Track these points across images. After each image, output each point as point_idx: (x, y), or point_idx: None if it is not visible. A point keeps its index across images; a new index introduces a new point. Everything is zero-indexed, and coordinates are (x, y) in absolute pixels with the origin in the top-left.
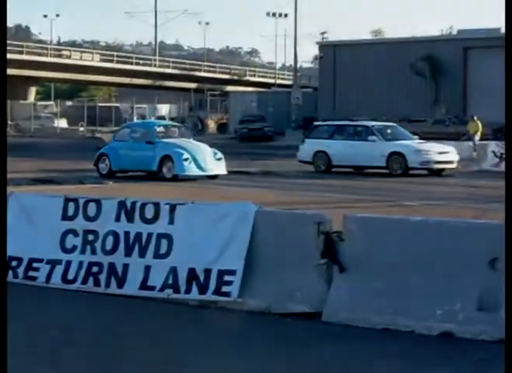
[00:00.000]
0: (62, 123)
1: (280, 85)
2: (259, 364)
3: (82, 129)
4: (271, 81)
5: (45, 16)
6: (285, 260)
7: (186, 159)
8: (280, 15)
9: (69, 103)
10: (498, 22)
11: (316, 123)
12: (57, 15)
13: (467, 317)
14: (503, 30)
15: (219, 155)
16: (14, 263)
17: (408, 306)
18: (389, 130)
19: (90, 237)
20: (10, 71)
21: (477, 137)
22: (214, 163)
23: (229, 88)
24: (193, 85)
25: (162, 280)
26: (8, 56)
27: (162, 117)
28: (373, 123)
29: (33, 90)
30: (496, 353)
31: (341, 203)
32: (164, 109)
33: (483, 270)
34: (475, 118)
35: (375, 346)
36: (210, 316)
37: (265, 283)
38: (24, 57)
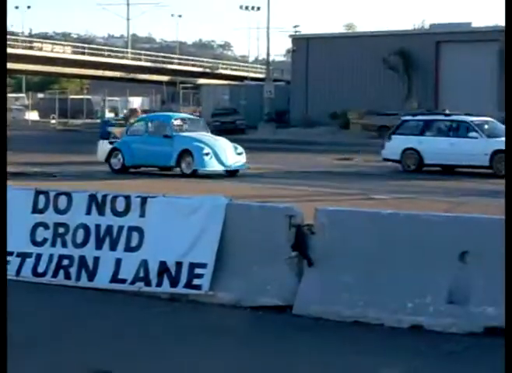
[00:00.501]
0: (33, 115)
1: (253, 79)
2: (229, 356)
3: (53, 121)
4: (244, 74)
5: (16, 8)
6: (256, 253)
7: (207, 154)
8: (253, 8)
9: (41, 96)
10: (469, 16)
11: (404, 117)
12: (29, 7)
13: (437, 310)
14: (474, 24)
15: (240, 149)
16: None
17: (379, 299)
18: (486, 126)
19: (61, 230)
20: None
21: None
22: (235, 158)
23: (202, 81)
24: (165, 78)
25: (133, 273)
26: None
27: (134, 110)
28: (472, 118)
29: None
30: (466, 346)
31: (313, 196)
32: (136, 101)
33: (454, 264)
34: (447, 112)
35: (346, 339)
36: (181, 309)
37: (236, 276)
38: None
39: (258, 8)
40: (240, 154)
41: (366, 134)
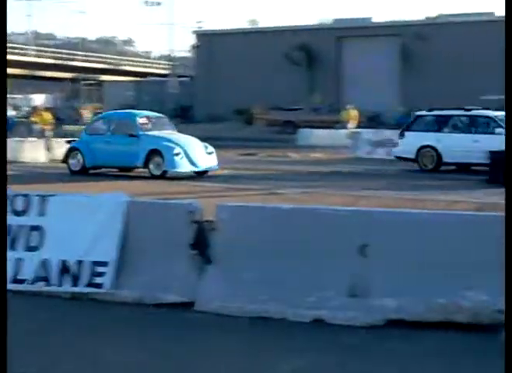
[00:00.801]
0: None
1: (157, 75)
2: (128, 355)
3: None
4: (148, 70)
5: None
6: (158, 250)
7: (177, 154)
8: (156, 3)
9: None
10: (370, 11)
11: (419, 113)
12: None
13: (338, 303)
14: (374, 19)
15: (210, 148)
16: None
17: (281, 294)
18: None
19: None
20: None
21: (351, 125)
22: (206, 158)
23: (106, 77)
24: (69, 75)
25: (33, 273)
26: None
27: (35, 107)
28: (495, 113)
29: None
30: (366, 339)
31: (216, 192)
32: (39, 99)
33: (354, 257)
34: (350, 106)
35: (247, 334)
36: (82, 308)
37: (138, 273)
38: None
39: (158, 3)
40: (210, 153)
41: (270, 129)
